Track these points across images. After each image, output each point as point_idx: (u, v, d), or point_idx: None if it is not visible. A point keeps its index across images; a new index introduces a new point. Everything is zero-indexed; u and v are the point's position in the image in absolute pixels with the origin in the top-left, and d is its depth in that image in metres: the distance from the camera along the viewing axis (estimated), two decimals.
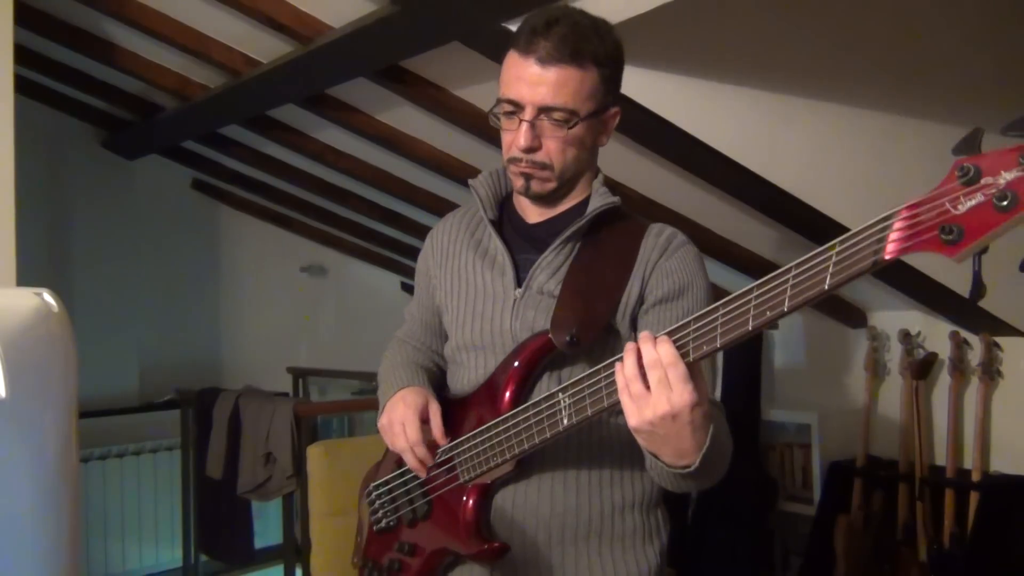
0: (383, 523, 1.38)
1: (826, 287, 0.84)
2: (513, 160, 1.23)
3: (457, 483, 1.25)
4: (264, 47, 2.69)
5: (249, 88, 2.85)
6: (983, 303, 2.79)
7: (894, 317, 3.24)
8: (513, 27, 2.06)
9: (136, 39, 2.83)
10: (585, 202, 1.30)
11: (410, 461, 1.28)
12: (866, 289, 3.10)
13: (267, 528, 3.74)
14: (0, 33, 2.04)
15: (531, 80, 1.17)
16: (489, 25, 2.07)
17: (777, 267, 0.90)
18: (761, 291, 0.90)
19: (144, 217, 4.16)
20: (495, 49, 2.18)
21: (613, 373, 1.03)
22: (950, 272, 2.71)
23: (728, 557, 3.36)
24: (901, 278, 2.81)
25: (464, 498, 1.25)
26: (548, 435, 1.11)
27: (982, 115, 0.68)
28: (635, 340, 1.16)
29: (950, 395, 3.00)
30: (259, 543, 3.63)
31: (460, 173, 3.10)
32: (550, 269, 1.26)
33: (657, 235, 1.28)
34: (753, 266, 3.14)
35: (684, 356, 0.97)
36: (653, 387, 0.97)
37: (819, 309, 3.42)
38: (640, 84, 2.15)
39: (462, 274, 1.35)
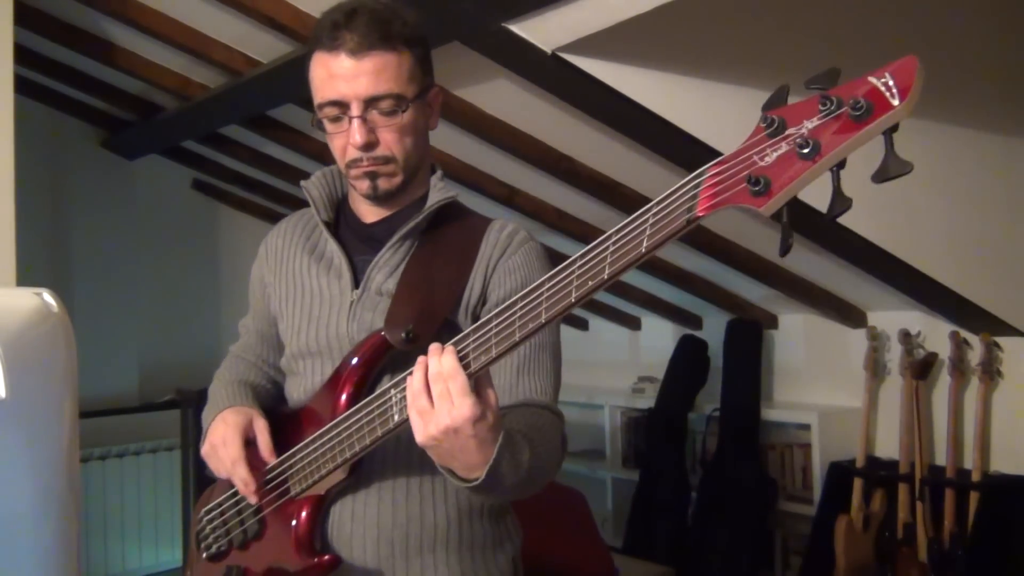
0: (213, 548, 1.28)
1: (643, 249, 0.83)
2: (353, 163, 1.17)
3: (288, 496, 1.18)
4: (264, 47, 2.69)
5: (249, 88, 2.85)
6: (983, 303, 2.79)
7: (894, 317, 3.24)
8: (514, 27, 2.07)
9: (136, 39, 2.83)
10: (424, 198, 1.24)
11: (236, 482, 1.19)
12: (866, 289, 3.10)
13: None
14: (0, 33, 2.04)
15: (347, 75, 1.12)
16: (489, 25, 2.08)
17: (776, 266, 0.89)
18: (583, 261, 0.87)
19: (144, 217, 4.17)
20: (495, 49, 2.18)
21: None
22: (950, 272, 2.71)
23: (728, 557, 3.36)
24: (901, 278, 2.81)
25: (297, 511, 1.17)
26: (379, 433, 1.04)
27: (982, 114, 0.68)
28: None
29: (950, 395, 3.00)
30: None
31: (460, 173, 3.10)
32: (388, 268, 1.21)
33: (499, 231, 1.23)
34: (754, 266, 3.14)
35: (466, 367, 0.94)
36: (436, 400, 0.94)
37: (819, 309, 3.42)
38: (640, 84, 2.15)
39: (297, 279, 1.28)
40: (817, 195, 0.79)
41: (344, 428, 1.09)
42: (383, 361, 1.16)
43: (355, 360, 1.15)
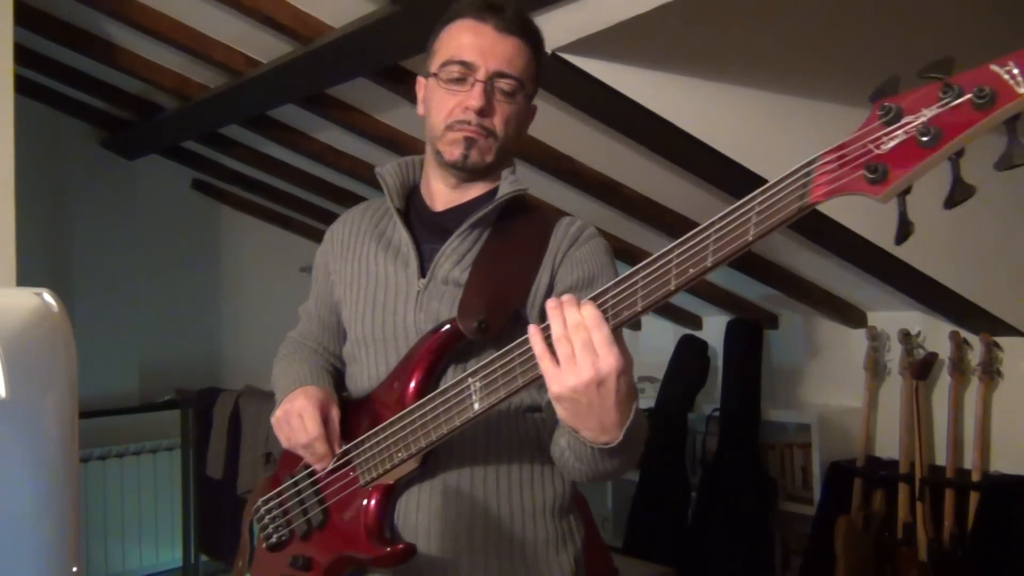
0: (274, 538, 1.27)
1: (751, 237, 0.82)
2: (459, 123, 1.18)
3: (356, 486, 1.17)
4: (264, 47, 2.69)
5: (249, 88, 2.85)
6: (983, 303, 2.79)
7: (894, 317, 3.24)
8: None
9: (136, 39, 2.83)
10: (494, 191, 1.25)
11: (309, 456, 1.20)
12: (866, 289, 3.10)
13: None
14: (0, 33, 2.04)
15: (487, 44, 1.17)
16: None
17: (776, 266, 0.89)
18: (683, 249, 0.87)
19: (144, 217, 4.17)
20: None
21: (526, 351, 0.97)
22: (950, 272, 2.71)
23: (728, 557, 3.36)
24: (901, 278, 2.81)
25: (364, 500, 1.16)
26: (458, 423, 1.04)
27: None
28: None
29: (950, 395, 3.00)
30: None
31: None
32: (455, 257, 1.21)
33: (568, 226, 1.24)
34: (754, 266, 3.14)
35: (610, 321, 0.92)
36: (578, 351, 0.90)
37: (819, 309, 3.43)
38: (640, 84, 2.15)
39: (363, 265, 1.28)
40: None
41: (418, 417, 1.09)
42: (453, 350, 1.16)
43: (425, 348, 1.15)
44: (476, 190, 1.25)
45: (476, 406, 1.02)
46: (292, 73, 2.65)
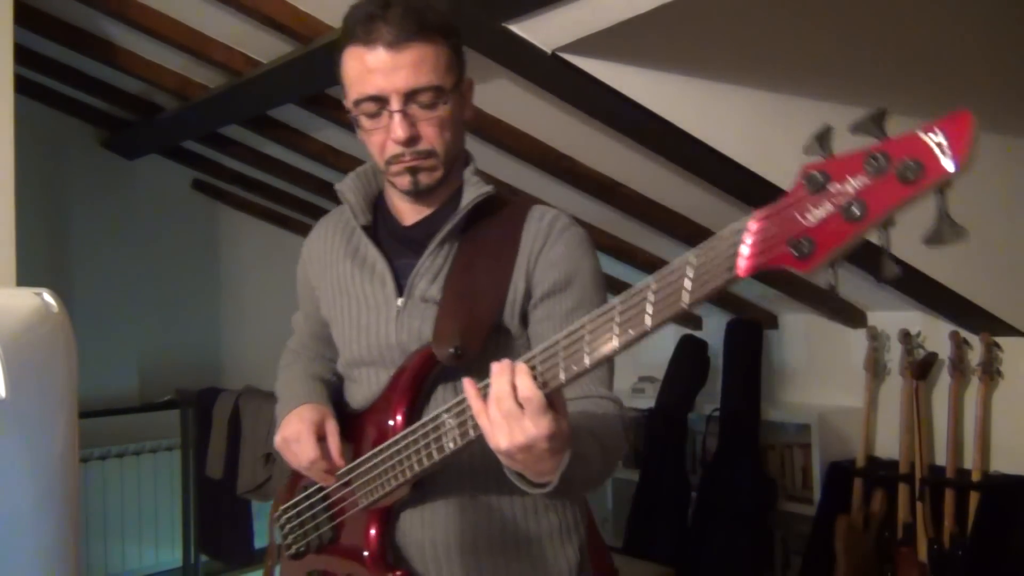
0: (293, 549, 1.30)
1: (684, 306, 0.81)
2: (394, 159, 1.15)
3: (358, 508, 1.19)
4: (264, 47, 2.68)
5: (249, 88, 2.85)
6: (983, 303, 2.79)
7: (894, 317, 3.24)
8: (514, 27, 2.07)
9: (136, 39, 2.83)
10: (459, 192, 1.22)
11: (315, 476, 1.22)
12: (866, 289, 3.10)
13: (267, 528, 3.74)
14: (0, 33, 2.04)
15: (386, 68, 1.10)
16: (489, 25, 2.07)
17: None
18: (625, 306, 0.86)
19: (144, 217, 4.16)
20: (495, 49, 2.18)
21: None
22: (950, 272, 2.71)
23: (728, 557, 3.36)
24: (901, 278, 2.80)
25: (365, 523, 1.19)
26: (436, 458, 1.05)
27: (982, 113, 0.67)
28: (527, 337, 1.14)
29: (950, 395, 3.00)
30: (259, 543, 3.63)
31: None
32: (430, 274, 1.19)
33: (539, 220, 1.20)
34: None
35: (543, 386, 0.92)
36: (508, 420, 0.92)
37: (819, 309, 3.42)
38: (640, 84, 2.15)
39: (342, 285, 1.27)
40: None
41: (404, 447, 1.10)
42: (434, 373, 1.17)
43: (405, 376, 1.17)
44: (441, 197, 1.23)
45: (451, 445, 1.02)
46: (292, 73, 2.65)
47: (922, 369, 3.05)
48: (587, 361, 0.89)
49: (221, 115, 3.25)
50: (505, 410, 0.92)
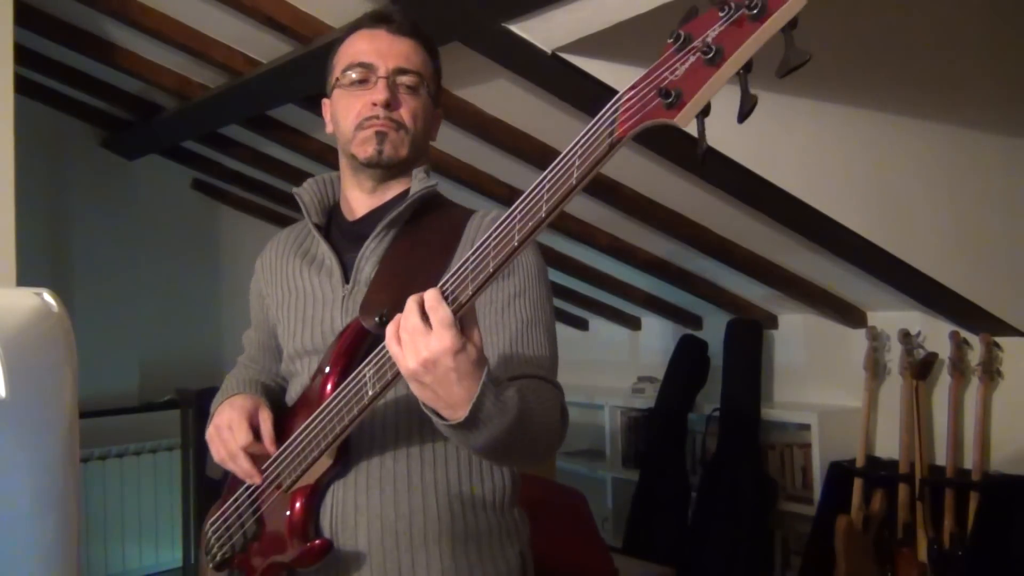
0: (218, 557, 1.28)
1: (574, 181, 0.87)
2: (367, 120, 1.20)
3: (281, 491, 1.18)
4: (264, 47, 2.69)
5: (249, 88, 2.85)
6: (983, 303, 2.79)
7: (894, 317, 3.24)
8: (514, 27, 2.07)
9: (136, 39, 2.83)
10: (408, 193, 1.26)
11: (236, 470, 1.20)
12: (866, 289, 3.10)
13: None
14: (0, 33, 2.04)
15: (383, 46, 1.22)
16: (489, 25, 2.07)
17: (776, 266, 0.89)
18: (522, 207, 0.90)
19: (144, 217, 4.17)
20: (495, 49, 2.18)
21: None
22: (950, 272, 2.71)
23: (728, 557, 3.36)
24: (901, 278, 2.81)
25: (288, 504, 1.17)
26: (356, 411, 1.04)
27: (982, 114, 0.67)
28: None
29: (950, 395, 3.00)
30: None
31: (459, 174, 3.10)
32: (374, 259, 1.22)
33: (482, 217, 1.24)
34: (754, 266, 3.14)
35: (452, 303, 0.92)
36: (411, 334, 0.93)
37: (819, 309, 3.42)
38: None
39: (290, 283, 1.31)
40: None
41: (325, 414, 1.10)
42: (364, 347, 1.15)
43: (336, 352, 1.16)
44: (392, 191, 1.26)
45: (370, 392, 1.02)
46: (292, 73, 2.65)
47: (922, 369, 3.05)
48: (491, 266, 0.91)
49: (221, 115, 3.25)
50: (411, 327, 0.92)
